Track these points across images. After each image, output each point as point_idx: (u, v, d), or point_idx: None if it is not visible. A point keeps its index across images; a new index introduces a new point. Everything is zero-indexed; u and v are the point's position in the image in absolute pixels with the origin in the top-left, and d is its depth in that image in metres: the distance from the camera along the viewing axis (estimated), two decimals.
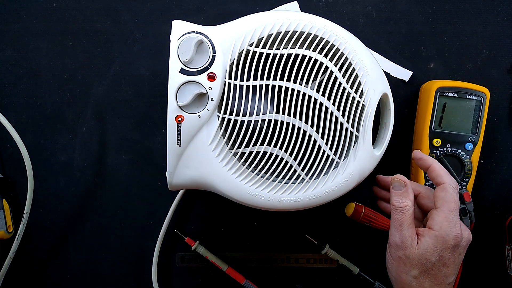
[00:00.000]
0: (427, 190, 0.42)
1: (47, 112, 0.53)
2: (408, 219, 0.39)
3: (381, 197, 0.46)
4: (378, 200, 0.47)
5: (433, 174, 0.41)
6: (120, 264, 0.54)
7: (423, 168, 0.42)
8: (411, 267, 0.38)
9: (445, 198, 0.39)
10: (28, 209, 0.49)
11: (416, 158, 0.43)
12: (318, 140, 0.41)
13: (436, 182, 0.40)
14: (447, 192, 0.39)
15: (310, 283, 0.55)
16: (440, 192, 0.39)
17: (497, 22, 0.52)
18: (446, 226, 0.38)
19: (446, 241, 0.38)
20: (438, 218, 0.38)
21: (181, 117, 0.39)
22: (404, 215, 0.39)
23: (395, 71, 0.52)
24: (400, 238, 0.38)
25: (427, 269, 0.38)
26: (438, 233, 0.38)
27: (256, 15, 0.40)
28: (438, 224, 0.38)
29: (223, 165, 0.41)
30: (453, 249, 0.38)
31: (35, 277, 0.54)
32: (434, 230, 0.38)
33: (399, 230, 0.39)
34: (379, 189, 0.46)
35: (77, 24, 0.52)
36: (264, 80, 0.39)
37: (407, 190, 0.40)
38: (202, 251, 0.53)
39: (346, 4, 0.52)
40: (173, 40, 0.39)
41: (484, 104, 0.49)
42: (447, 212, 0.38)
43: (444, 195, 0.39)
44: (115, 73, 0.52)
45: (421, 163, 0.42)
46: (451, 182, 0.39)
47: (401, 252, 0.38)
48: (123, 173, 0.53)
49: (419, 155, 0.43)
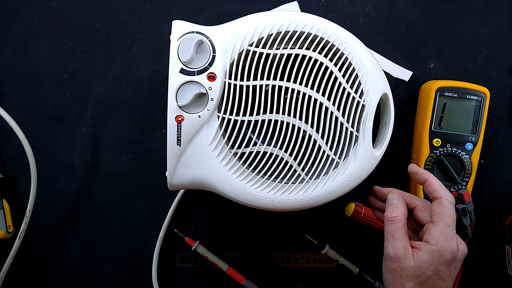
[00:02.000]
0: (423, 203, 0.43)
1: (47, 112, 0.53)
2: (400, 230, 0.39)
3: (377, 208, 0.47)
4: (374, 209, 0.48)
5: (429, 188, 0.41)
6: (120, 264, 0.54)
7: (419, 182, 0.43)
8: (407, 279, 0.38)
9: (441, 213, 0.39)
10: (31, 207, 0.49)
11: (412, 173, 0.43)
12: (318, 140, 0.41)
13: (433, 196, 0.41)
14: (444, 207, 0.39)
15: (310, 283, 0.55)
16: (437, 207, 0.40)
17: (497, 22, 0.52)
18: (443, 241, 0.38)
19: (442, 256, 0.38)
20: (435, 232, 0.39)
21: (181, 117, 0.39)
22: (396, 226, 0.39)
23: (395, 71, 0.52)
24: (393, 250, 0.39)
25: (422, 281, 0.38)
26: (435, 247, 0.38)
27: (256, 15, 0.40)
28: (435, 238, 0.38)
29: (223, 165, 0.40)
30: (449, 263, 0.38)
31: (35, 277, 0.54)
32: (431, 244, 0.38)
33: (391, 241, 0.39)
34: (375, 200, 0.47)
35: (77, 24, 0.52)
36: (264, 80, 0.39)
37: (400, 203, 0.41)
38: (202, 251, 0.53)
39: (346, 4, 0.52)
40: (173, 40, 0.39)
41: (484, 104, 0.49)
42: (444, 227, 0.38)
43: (441, 209, 0.39)
44: (115, 73, 0.52)
45: (417, 177, 0.43)
46: (448, 196, 0.40)
47: (395, 264, 0.39)
48: (123, 173, 0.53)
49: (415, 169, 0.43)
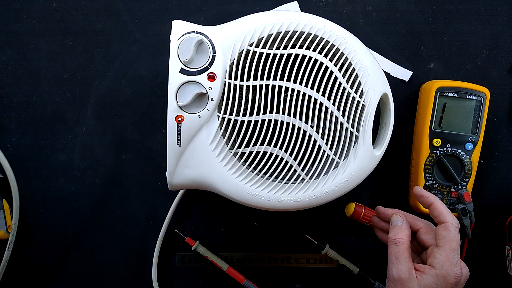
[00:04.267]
0: (427, 226, 0.43)
1: (47, 112, 0.53)
2: (404, 252, 0.40)
3: (380, 228, 0.47)
4: (376, 229, 0.48)
5: (435, 212, 0.41)
6: (120, 264, 0.54)
7: (424, 205, 0.43)
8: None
9: (447, 237, 0.39)
10: (16, 220, 0.50)
11: (418, 195, 0.44)
12: (318, 140, 0.41)
13: (439, 220, 0.41)
14: (449, 232, 0.40)
15: (310, 283, 0.55)
16: (442, 231, 0.40)
17: (497, 22, 0.52)
18: (448, 265, 0.38)
19: (447, 280, 0.38)
20: (440, 257, 0.39)
21: (181, 117, 0.39)
22: (400, 248, 0.40)
23: (395, 71, 0.52)
24: (397, 272, 0.39)
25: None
26: (440, 272, 0.39)
27: (256, 15, 0.40)
28: (439, 263, 0.39)
29: (223, 165, 0.40)
30: (453, 287, 0.39)
31: (35, 277, 0.54)
32: (436, 268, 0.39)
33: (395, 264, 0.39)
34: (377, 220, 0.47)
35: (77, 24, 0.52)
36: (264, 80, 0.39)
37: (404, 225, 0.41)
38: (202, 251, 0.53)
39: (346, 4, 0.52)
40: (173, 40, 0.39)
41: (484, 104, 0.49)
42: (449, 252, 0.39)
43: (446, 234, 0.39)
44: (115, 73, 0.52)
45: (423, 200, 0.43)
46: (453, 221, 0.40)
47: (399, 286, 0.39)
48: (123, 173, 0.53)
49: (421, 192, 0.44)
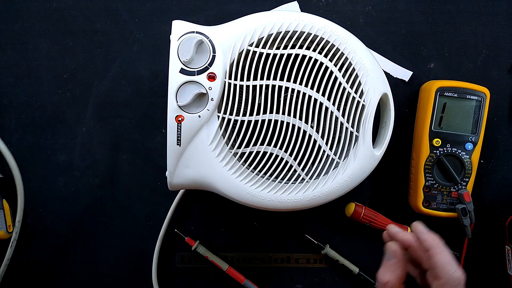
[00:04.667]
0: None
1: (47, 112, 0.53)
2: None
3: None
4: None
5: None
6: (120, 264, 0.54)
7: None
8: None
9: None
10: (20, 217, 0.50)
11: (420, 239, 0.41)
12: (318, 140, 0.41)
13: (434, 274, 0.39)
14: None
15: (310, 283, 0.55)
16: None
17: (497, 22, 0.52)
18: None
19: None
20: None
21: (181, 117, 0.39)
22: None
23: (395, 71, 0.52)
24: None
25: None
26: None
27: (256, 15, 0.40)
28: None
29: (223, 165, 0.40)
30: None
31: (35, 277, 0.54)
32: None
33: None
34: (387, 237, 0.45)
35: (77, 24, 0.52)
36: (264, 80, 0.39)
37: (396, 264, 0.39)
38: (202, 251, 0.53)
39: (346, 4, 0.52)
40: (173, 40, 0.39)
41: (484, 104, 0.49)
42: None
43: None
44: (115, 73, 0.52)
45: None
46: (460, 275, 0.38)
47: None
48: (123, 173, 0.53)
49: (423, 230, 0.40)
